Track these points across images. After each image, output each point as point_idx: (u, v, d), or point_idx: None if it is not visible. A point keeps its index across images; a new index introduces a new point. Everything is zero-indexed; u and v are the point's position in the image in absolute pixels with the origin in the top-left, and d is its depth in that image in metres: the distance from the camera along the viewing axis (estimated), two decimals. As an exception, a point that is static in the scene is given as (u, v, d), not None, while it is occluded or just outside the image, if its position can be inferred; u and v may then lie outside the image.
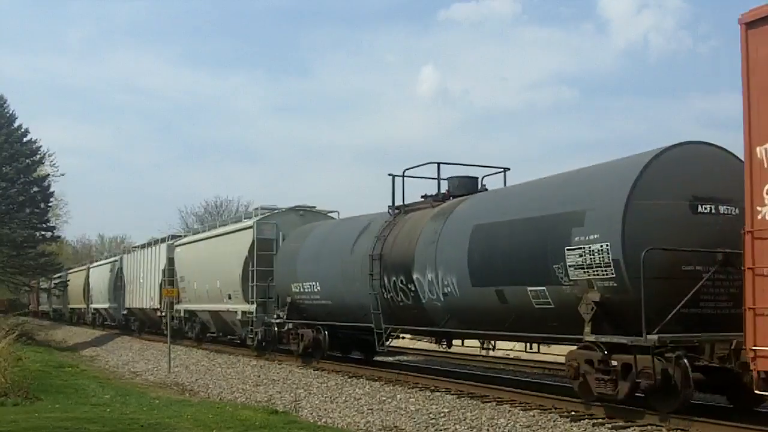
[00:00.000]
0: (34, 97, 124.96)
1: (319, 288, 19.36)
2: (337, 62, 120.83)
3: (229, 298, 24.75)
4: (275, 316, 21.84)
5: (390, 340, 18.51)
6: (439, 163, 17.51)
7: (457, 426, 11.99)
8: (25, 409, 13.82)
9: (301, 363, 20.72)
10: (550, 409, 12.42)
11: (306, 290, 19.91)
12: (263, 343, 23.33)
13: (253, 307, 23.08)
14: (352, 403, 14.66)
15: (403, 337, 21.68)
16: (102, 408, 14.41)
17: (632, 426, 10.95)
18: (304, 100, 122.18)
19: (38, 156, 40.45)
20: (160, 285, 30.58)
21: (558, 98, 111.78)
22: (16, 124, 39.25)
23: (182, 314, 30.04)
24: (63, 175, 54.50)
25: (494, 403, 13.25)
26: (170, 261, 31.06)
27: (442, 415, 12.78)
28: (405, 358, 23.55)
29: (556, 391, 13.82)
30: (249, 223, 24.25)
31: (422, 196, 17.49)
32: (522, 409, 12.52)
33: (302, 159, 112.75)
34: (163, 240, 33.89)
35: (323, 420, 13.36)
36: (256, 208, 25.47)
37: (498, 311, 13.46)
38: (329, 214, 24.45)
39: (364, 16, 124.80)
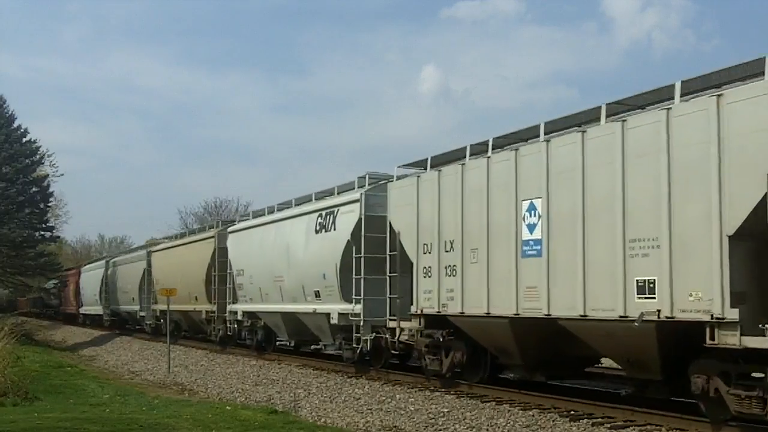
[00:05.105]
0: (33, 97, 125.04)
1: None
2: (336, 62, 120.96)
3: None
4: None
5: None
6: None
7: (457, 426, 11.98)
8: (25, 409, 13.83)
9: None
10: (549, 408, 12.43)
11: None
12: None
13: None
14: (351, 403, 14.66)
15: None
16: (101, 408, 14.42)
17: (631, 425, 10.97)
18: (303, 100, 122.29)
19: (37, 156, 40.31)
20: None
21: (558, 96, 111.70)
22: (15, 124, 39.18)
23: None
24: (62, 175, 54.26)
25: (494, 403, 13.26)
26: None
27: (442, 415, 12.78)
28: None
29: (555, 390, 13.84)
30: None
31: None
32: (521, 409, 12.53)
33: (302, 158, 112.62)
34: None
35: (322, 420, 13.35)
36: None
37: None
38: None
39: (364, 15, 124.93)
